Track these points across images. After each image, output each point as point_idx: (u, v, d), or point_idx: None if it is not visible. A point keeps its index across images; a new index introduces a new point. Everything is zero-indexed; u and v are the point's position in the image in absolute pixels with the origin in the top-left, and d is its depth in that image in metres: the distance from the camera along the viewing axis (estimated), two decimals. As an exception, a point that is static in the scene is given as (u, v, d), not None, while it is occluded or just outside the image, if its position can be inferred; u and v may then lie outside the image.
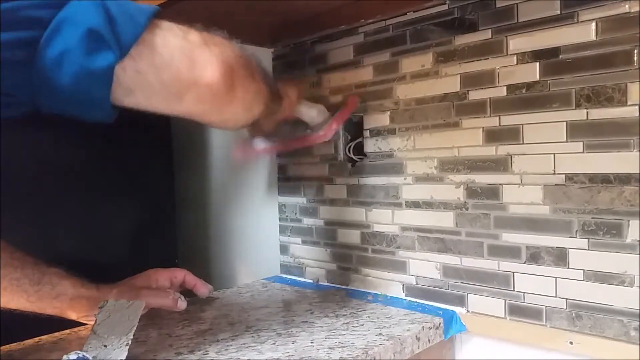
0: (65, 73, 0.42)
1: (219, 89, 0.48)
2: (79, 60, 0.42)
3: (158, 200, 1.11)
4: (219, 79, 0.48)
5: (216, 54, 0.48)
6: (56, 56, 0.41)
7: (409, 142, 0.77)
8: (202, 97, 0.48)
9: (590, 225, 0.60)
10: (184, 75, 0.46)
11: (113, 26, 0.43)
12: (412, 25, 0.75)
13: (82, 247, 0.96)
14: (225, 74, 0.48)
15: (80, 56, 0.42)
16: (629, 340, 0.58)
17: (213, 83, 0.48)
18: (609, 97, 0.58)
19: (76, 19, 0.42)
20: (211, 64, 0.47)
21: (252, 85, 0.53)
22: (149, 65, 0.45)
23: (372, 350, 0.60)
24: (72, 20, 0.42)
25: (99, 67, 0.42)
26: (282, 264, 0.99)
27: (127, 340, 0.58)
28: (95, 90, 0.44)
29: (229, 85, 0.49)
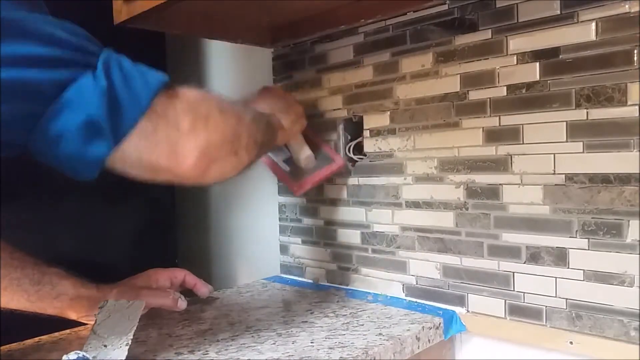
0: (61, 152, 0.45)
1: (192, 176, 0.51)
2: (74, 146, 0.44)
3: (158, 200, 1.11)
4: (193, 170, 0.50)
5: (200, 146, 0.49)
6: (55, 136, 0.44)
7: (409, 142, 0.77)
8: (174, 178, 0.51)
9: (590, 225, 0.60)
10: (163, 161, 0.49)
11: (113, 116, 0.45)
12: (412, 25, 0.75)
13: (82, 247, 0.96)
14: (200, 166, 0.50)
15: (77, 143, 0.44)
16: (629, 340, 0.58)
17: (187, 172, 0.50)
18: (609, 97, 0.58)
19: (79, 104, 0.44)
20: (191, 156, 0.49)
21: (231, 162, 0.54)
22: (134, 149, 0.47)
23: (372, 350, 0.60)
24: (75, 104, 0.44)
25: (92, 155, 0.45)
26: (282, 264, 0.99)
27: (127, 340, 0.58)
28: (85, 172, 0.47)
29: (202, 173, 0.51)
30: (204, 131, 0.50)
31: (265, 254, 1.04)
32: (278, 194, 0.99)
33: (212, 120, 0.51)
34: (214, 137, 0.51)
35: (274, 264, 1.01)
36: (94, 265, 0.75)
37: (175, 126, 0.48)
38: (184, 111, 0.49)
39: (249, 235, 1.11)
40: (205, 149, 0.50)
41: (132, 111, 0.46)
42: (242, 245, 1.13)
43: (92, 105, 0.44)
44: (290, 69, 0.94)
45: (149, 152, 0.48)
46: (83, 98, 0.44)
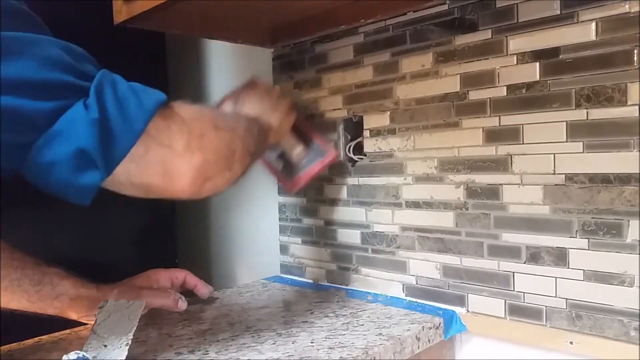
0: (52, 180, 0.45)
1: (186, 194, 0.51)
2: (65, 174, 0.45)
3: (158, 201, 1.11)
4: (189, 189, 0.50)
5: (194, 165, 0.50)
6: (46, 164, 0.44)
7: (409, 142, 0.77)
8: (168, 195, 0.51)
9: (590, 225, 0.60)
10: (154, 182, 0.49)
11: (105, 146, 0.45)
12: (412, 25, 0.75)
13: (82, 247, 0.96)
14: (196, 184, 0.50)
15: (68, 172, 0.45)
16: (629, 340, 0.58)
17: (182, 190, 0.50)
18: (609, 97, 0.58)
19: (69, 135, 0.44)
20: (186, 176, 0.49)
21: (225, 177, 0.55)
22: (125, 172, 0.47)
23: (372, 350, 0.60)
24: (65, 135, 0.44)
25: (84, 184, 0.46)
26: (282, 264, 0.99)
27: (127, 340, 0.58)
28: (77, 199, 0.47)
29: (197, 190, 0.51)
30: (198, 151, 0.50)
31: (265, 254, 1.04)
32: (278, 194, 0.99)
33: (206, 139, 0.51)
34: (208, 156, 0.51)
35: (274, 264, 1.01)
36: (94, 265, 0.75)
37: (169, 147, 0.48)
38: (179, 132, 0.49)
39: (249, 235, 1.11)
40: (200, 169, 0.50)
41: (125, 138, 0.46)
42: (242, 245, 1.13)
43: (82, 137, 0.44)
44: (290, 69, 0.94)
45: (139, 174, 0.48)
46: (74, 129, 0.44)
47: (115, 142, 0.45)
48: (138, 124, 0.46)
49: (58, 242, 0.91)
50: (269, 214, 1.02)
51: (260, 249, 1.07)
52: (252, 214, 1.09)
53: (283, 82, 0.95)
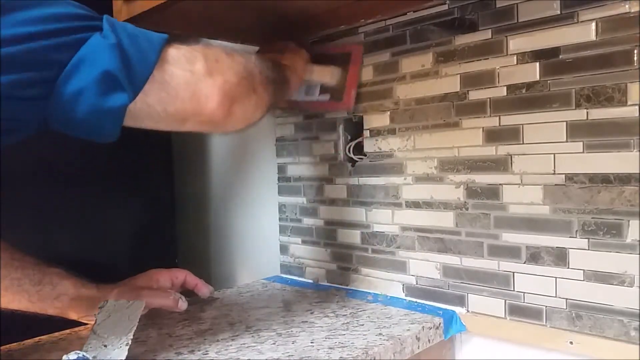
0: (81, 110, 0.45)
1: (218, 116, 0.53)
2: (93, 100, 0.45)
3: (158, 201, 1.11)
4: (218, 110, 0.52)
5: (218, 85, 0.52)
6: (72, 94, 0.44)
7: (409, 142, 0.77)
8: (202, 122, 0.53)
9: (590, 225, 0.60)
10: (187, 107, 0.51)
11: (127, 67, 0.46)
12: (412, 25, 0.75)
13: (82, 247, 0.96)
14: (224, 104, 0.52)
15: (95, 96, 0.45)
16: (629, 340, 0.58)
17: (212, 114, 0.52)
18: (609, 97, 0.58)
19: (93, 60, 0.45)
20: (212, 96, 0.51)
21: (252, 101, 0.56)
22: (157, 99, 0.49)
23: (372, 350, 0.60)
24: (89, 61, 0.45)
25: (112, 106, 0.46)
26: (282, 264, 0.99)
27: (127, 340, 0.58)
28: (107, 126, 0.48)
29: (227, 112, 0.53)
30: (218, 72, 0.52)
31: (265, 254, 1.04)
32: (278, 194, 0.99)
33: (222, 62, 0.53)
34: (229, 76, 0.53)
35: (274, 264, 1.01)
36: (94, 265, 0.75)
37: (190, 71, 0.50)
38: (194, 57, 0.51)
39: (249, 235, 1.11)
40: (224, 88, 0.52)
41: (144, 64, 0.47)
42: (242, 245, 1.13)
43: (105, 60, 0.45)
44: (290, 69, 0.94)
45: (172, 101, 0.49)
46: (96, 54, 0.45)
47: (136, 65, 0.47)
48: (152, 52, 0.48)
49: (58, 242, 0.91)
50: (269, 214, 1.02)
51: (260, 249, 1.07)
52: (252, 214, 1.09)
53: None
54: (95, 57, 0.45)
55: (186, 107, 0.50)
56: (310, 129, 0.92)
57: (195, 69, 0.51)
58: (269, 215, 1.02)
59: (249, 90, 0.55)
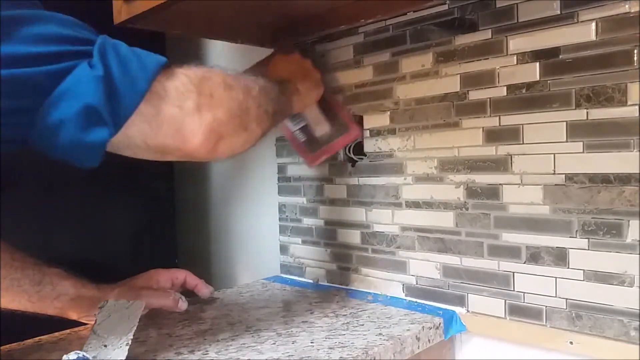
0: (61, 141, 0.44)
1: (201, 153, 0.51)
2: (74, 133, 0.44)
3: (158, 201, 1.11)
4: (201, 147, 0.50)
5: (205, 123, 0.50)
6: (54, 125, 0.44)
7: (409, 142, 0.77)
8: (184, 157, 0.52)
9: (590, 225, 0.60)
10: (169, 142, 0.49)
11: (111, 102, 0.45)
12: (412, 25, 0.75)
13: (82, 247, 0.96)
14: (208, 142, 0.50)
15: (76, 129, 0.44)
16: (629, 340, 0.58)
17: (194, 151, 0.50)
18: (609, 97, 0.58)
19: (76, 92, 0.44)
20: (197, 134, 0.49)
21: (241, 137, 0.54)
22: (139, 132, 0.47)
23: (372, 350, 0.60)
24: (72, 93, 0.44)
25: (92, 141, 0.45)
26: (282, 264, 0.99)
27: (127, 340, 0.58)
28: (87, 158, 0.47)
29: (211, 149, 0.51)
30: (208, 109, 0.50)
31: (265, 254, 1.04)
32: (278, 194, 0.99)
33: (216, 98, 0.51)
34: (219, 114, 0.51)
35: (274, 264, 1.01)
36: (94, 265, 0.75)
37: (179, 106, 0.48)
38: (187, 91, 0.49)
39: (249, 235, 1.11)
40: (211, 127, 0.50)
41: (131, 96, 0.46)
42: (242, 245, 1.13)
43: (89, 93, 0.44)
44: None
45: (154, 134, 0.48)
46: (80, 86, 0.44)
47: (122, 98, 0.45)
48: (142, 81, 0.46)
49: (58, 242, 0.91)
50: (269, 214, 1.02)
51: (260, 249, 1.07)
52: (252, 214, 1.09)
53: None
54: (79, 89, 0.44)
55: (168, 142, 0.49)
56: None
57: (185, 105, 0.49)
58: (269, 215, 1.02)
59: (239, 128, 0.53)
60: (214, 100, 0.51)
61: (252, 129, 0.55)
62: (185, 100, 0.49)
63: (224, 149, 0.52)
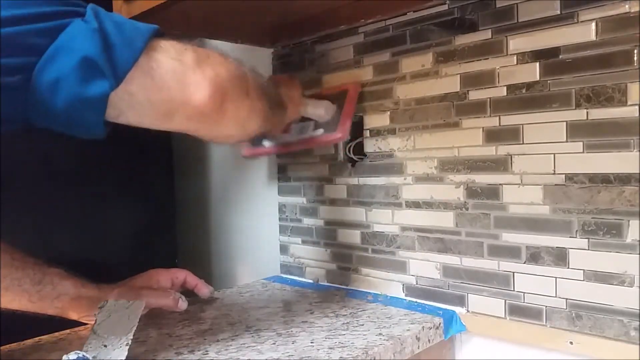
0: (60, 99, 0.42)
1: (208, 110, 0.49)
2: (72, 88, 0.42)
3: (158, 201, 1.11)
4: (207, 101, 0.48)
5: (208, 76, 0.48)
6: (51, 82, 0.42)
7: (409, 142, 0.77)
8: (191, 117, 0.49)
9: (590, 225, 0.60)
10: (174, 97, 0.47)
11: (109, 53, 0.43)
12: (412, 25, 0.75)
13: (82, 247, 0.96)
14: (214, 96, 0.49)
15: (75, 84, 0.42)
16: (629, 340, 0.58)
17: (202, 105, 0.48)
18: (609, 97, 0.58)
19: (72, 47, 0.42)
20: (202, 86, 0.48)
21: (245, 104, 0.53)
22: (141, 88, 0.45)
23: (372, 350, 0.60)
24: (68, 48, 0.42)
25: (92, 95, 0.43)
26: (282, 264, 0.99)
27: (127, 340, 0.58)
28: (88, 116, 0.45)
29: (218, 107, 0.49)
30: (208, 65, 0.49)
31: (265, 254, 1.04)
32: (278, 194, 0.99)
33: (213, 57, 0.50)
34: (220, 71, 0.50)
35: (274, 264, 1.01)
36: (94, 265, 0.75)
37: (180, 60, 0.47)
38: (184, 49, 0.48)
39: (249, 235, 1.11)
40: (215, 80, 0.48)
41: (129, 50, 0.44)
42: (242, 245, 1.13)
43: (85, 46, 0.42)
44: (290, 69, 0.94)
45: (157, 90, 0.46)
46: (75, 41, 0.42)
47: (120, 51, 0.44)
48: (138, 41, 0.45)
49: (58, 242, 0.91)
50: (269, 214, 1.02)
51: (260, 249, 1.07)
52: (252, 214, 1.09)
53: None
54: (74, 43, 0.42)
55: (173, 97, 0.47)
56: (310, 129, 0.92)
57: (185, 59, 0.47)
58: (269, 215, 1.02)
59: (241, 90, 0.52)
60: (212, 59, 0.50)
61: (253, 97, 0.53)
62: (184, 54, 0.48)
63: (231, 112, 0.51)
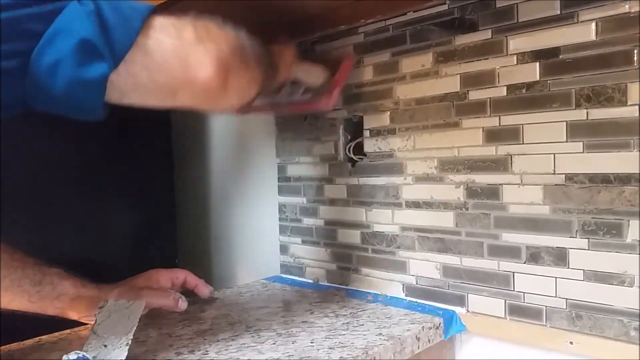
0: (59, 82, 0.42)
1: (213, 86, 0.48)
2: (72, 71, 0.42)
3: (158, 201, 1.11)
4: (212, 78, 0.48)
5: (210, 52, 0.48)
6: (50, 65, 0.42)
7: (409, 142, 0.77)
8: (195, 93, 0.49)
9: (590, 225, 0.60)
10: (177, 75, 0.47)
11: (107, 34, 0.43)
12: (412, 25, 0.75)
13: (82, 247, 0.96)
14: (218, 72, 0.48)
15: (74, 66, 0.42)
16: (629, 340, 0.58)
17: (206, 82, 0.48)
18: (609, 97, 0.58)
19: (70, 29, 0.42)
20: (205, 63, 0.47)
21: (246, 75, 0.53)
22: (143, 68, 0.45)
23: (372, 350, 0.60)
24: (65, 30, 0.42)
25: (92, 77, 0.43)
26: (282, 264, 0.99)
27: (127, 340, 0.58)
28: (88, 98, 0.44)
29: (222, 82, 0.49)
30: (209, 40, 0.48)
31: (265, 254, 1.04)
32: (278, 194, 0.99)
33: (213, 31, 0.49)
34: (222, 45, 0.49)
35: (274, 264, 1.01)
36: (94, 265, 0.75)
37: (180, 38, 0.47)
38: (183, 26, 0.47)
39: (249, 235, 1.11)
40: (217, 55, 0.48)
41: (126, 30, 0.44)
42: (242, 245, 1.13)
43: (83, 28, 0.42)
44: (290, 69, 0.94)
45: (160, 69, 0.46)
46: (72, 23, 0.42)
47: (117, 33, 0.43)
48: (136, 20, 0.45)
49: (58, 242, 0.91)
50: (269, 214, 1.02)
51: (260, 249, 1.07)
52: (252, 214, 1.09)
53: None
54: (71, 25, 0.42)
55: (176, 75, 0.46)
56: (310, 129, 0.92)
57: (184, 36, 0.47)
58: (269, 215, 1.02)
59: (242, 63, 0.51)
60: (211, 33, 0.49)
61: (252, 67, 0.53)
62: (183, 32, 0.47)
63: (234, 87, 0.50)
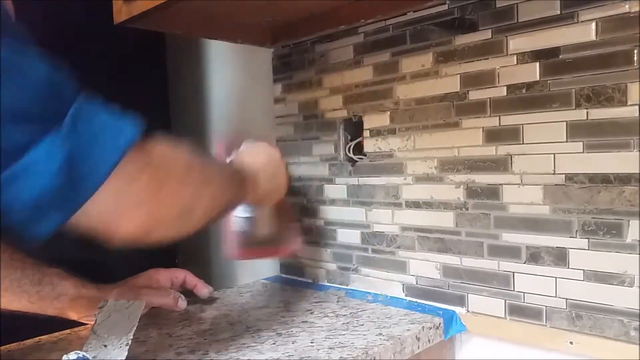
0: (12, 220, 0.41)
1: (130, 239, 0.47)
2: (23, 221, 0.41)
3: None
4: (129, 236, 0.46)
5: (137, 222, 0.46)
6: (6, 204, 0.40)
7: (409, 142, 0.77)
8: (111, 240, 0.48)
9: (590, 225, 0.60)
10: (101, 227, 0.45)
11: (69, 185, 0.41)
12: (412, 25, 0.75)
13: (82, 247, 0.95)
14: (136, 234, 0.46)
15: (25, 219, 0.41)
16: (629, 340, 0.58)
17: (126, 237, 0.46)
18: (609, 97, 0.58)
19: (35, 175, 0.40)
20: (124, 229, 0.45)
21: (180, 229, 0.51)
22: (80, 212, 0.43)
23: (372, 350, 0.60)
24: (29, 175, 0.39)
25: (41, 231, 0.42)
26: (282, 264, 0.99)
27: (127, 340, 0.58)
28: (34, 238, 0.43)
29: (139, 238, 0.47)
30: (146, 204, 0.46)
31: (265, 254, 1.04)
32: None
33: (164, 191, 0.47)
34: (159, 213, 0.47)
35: (274, 263, 1.00)
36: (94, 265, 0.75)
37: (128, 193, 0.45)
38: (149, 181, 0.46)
39: (249, 235, 1.11)
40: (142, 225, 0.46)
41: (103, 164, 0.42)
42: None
43: (48, 175, 0.40)
44: (290, 69, 0.94)
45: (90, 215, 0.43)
46: (40, 165, 0.39)
47: (82, 180, 0.41)
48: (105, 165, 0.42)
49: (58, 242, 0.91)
50: (269, 214, 1.02)
51: (260, 249, 1.07)
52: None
53: (283, 81, 0.95)
54: (38, 167, 0.39)
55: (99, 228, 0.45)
56: (310, 129, 0.92)
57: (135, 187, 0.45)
58: (269, 215, 1.02)
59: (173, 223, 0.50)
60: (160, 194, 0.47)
61: (195, 221, 0.52)
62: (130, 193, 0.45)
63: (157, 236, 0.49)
